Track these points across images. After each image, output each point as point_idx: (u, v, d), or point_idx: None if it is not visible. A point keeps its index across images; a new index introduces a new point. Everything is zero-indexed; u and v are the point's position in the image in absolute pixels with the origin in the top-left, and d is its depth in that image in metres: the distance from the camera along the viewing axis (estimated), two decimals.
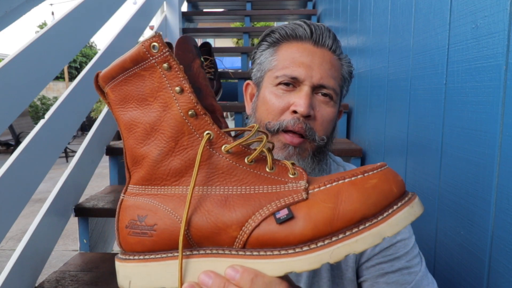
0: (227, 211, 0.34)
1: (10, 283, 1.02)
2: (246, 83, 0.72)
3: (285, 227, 0.32)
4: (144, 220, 0.36)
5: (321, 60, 0.62)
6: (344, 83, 0.67)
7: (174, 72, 0.34)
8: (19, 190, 1.05)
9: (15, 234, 3.16)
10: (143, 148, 0.37)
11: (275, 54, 0.65)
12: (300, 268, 0.31)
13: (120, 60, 0.36)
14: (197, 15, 3.25)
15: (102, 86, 0.38)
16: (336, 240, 0.31)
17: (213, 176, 0.35)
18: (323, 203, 0.32)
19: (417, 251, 0.64)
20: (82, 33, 1.40)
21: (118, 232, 0.38)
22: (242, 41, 3.16)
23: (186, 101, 0.35)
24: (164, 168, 0.36)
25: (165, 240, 0.36)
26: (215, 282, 0.34)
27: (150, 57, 0.34)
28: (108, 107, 0.39)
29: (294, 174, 0.35)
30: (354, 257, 0.65)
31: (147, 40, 0.34)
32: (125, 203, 0.38)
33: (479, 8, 0.64)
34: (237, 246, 0.34)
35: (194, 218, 0.35)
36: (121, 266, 0.37)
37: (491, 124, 0.60)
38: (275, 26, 0.66)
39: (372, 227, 0.30)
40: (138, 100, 0.36)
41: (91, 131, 1.55)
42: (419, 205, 0.32)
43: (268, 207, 0.33)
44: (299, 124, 0.59)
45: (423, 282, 0.61)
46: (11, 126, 6.14)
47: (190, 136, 0.35)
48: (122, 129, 0.38)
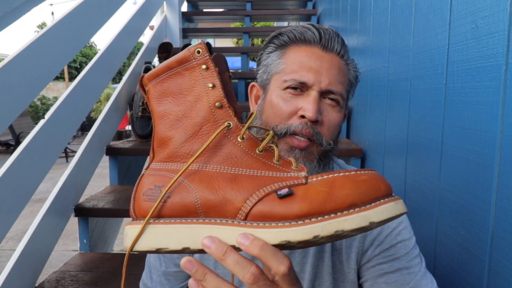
0: (235, 186, 0.39)
1: (10, 283, 1.02)
2: (251, 85, 0.72)
3: (284, 203, 0.37)
4: (160, 188, 0.41)
5: (329, 65, 0.62)
6: (351, 88, 0.67)
7: (210, 72, 0.42)
8: (19, 190, 1.05)
9: (15, 234, 3.16)
10: (171, 131, 0.43)
11: (282, 57, 0.64)
12: (294, 237, 0.35)
13: (166, 61, 0.43)
14: (197, 15, 3.25)
15: (145, 84, 0.46)
16: (328, 217, 0.35)
17: (227, 159, 0.41)
18: (319, 187, 0.37)
19: (417, 251, 0.64)
20: (82, 33, 1.40)
21: (134, 200, 0.42)
22: (242, 41, 3.16)
23: (216, 95, 0.42)
24: (186, 148, 0.42)
25: (176, 207, 0.40)
26: (217, 247, 0.36)
27: (193, 59, 0.42)
28: (147, 101, 0.46)
29: (296, 167, 0.41)
30: (356, 259, 0.66)
31: (193, 46, 0.42)
32: (146, 176, 0.43)
33: (479, 8, 0.64)
34: (239, 218, 0.38)
35: (205, 190, 0.39)
36: (131, 228, 0.41)
37: (491, 124, 0.60)
38: (283, 29, 0.66)
39: (360, 211, 0.35)
40: (175, 93, 0.43)
41: (91, 131, 1.55)
42: (403, 205, 0.37)
43: (271, 186, 0.38)
44: (306, 129, 0.59)
45: (422, 282, 0.61)
46: (11, 126, 6.14)
47: (213, 123, 0.42)
48: (155, 117, 0.45)
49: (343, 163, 0.75)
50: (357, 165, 1.51)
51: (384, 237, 0.64)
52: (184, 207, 0.40)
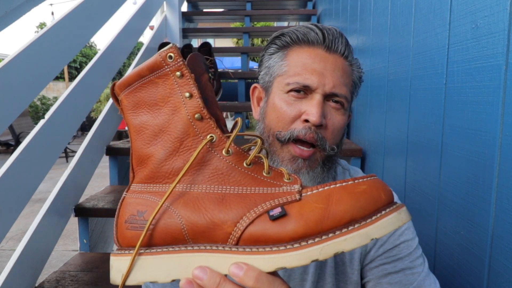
0: (224, 208, 0.36)
1: (10, 283, 1.02)
2: (253, 87, 0.70)
3: (277, 225, 0.34)
4: (143, 215, 0.38)
5: (333, 67, 0.60)
6: (355, 89, 0.65)
7: (185, 79, 0.38)
8: (19, 190, 1.05)
9: (15, 234, 3.16)
10: (149, 148, 0.39)
11: (285, 58, 0.62)
12: (290, 263, 0.32)
13: (137, 69, 0.39)
14: (197, 15, 3.25)
15: (117, 93, 0.42)
16: (326, 238, 0.32)
17: (212, 176, 0.38)
18: (314, 204, 0.34)
19: (420, 252, 0.64)
20: (82, 33, 1.40)
21: (117, 228, 0.39)
22: (242, 41, 3.16)
23: (194, 106, 0.38)
24: (168, 167, 0.38)
25: (162, 234, 0.37)
26: (210, 277, 0.34)
27: (165, 66, 0.38)
28: (120, 113, 0.42)
29: (289, 179, 0.37)
30: (359, 259, 0.65)
31: (164, 51, 0.37)
32: (127, 200, 0.40)
33: (479, 8, 0.64)
34: (230, 243, 0.35)
35: (191, 214, 0.36)
36: (116, 260, 0.38)
37: (491, 124, 0.60)
38: (285, 29, 0.64)
39: (361, 228, 0.32)
40: (150, 105, 0.39)
41: (91, 131, 1.55)
42: (406, 213, 0.34)
43: (262, 206, 0.35)
44: (310, 134, 0.58)
45: (426, 282, 0.61)
46: (11, 126, 6.14)
47: (194, 137, 0.38)
48: (131, 132, 0.41)
49: (345, 163, 0.75)
50: (357, 165, 1.51)
51: (387, 238, 0.64)
52: (170, 234, 0.37)
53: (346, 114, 0.63)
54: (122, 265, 0.38)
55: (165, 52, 0.37)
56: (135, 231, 0.38)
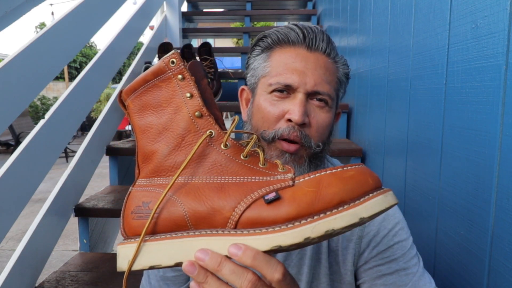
0: (223, 196, 0.39)
1: (10, 283, 1.02)
2: (241, 88, 0.71)
3: (272, 208, 0.37)
4: (148, 205, 0.41)
5: (315, 65, 0.61)
6: (341, 86, 0.66)
7: (186, 81, 0.42)
8: (19, 190, 1.05)
9: (15, 234, 3.16)
10: (154, 145, 0.43)
11: (268, 59, 0.63)
12: (284, 242, 0.35)
13: (142, 75, 0.43)
14: (197, 15, 3.25)
15: (124, 99, 0.45)
16: (317, 218, 0.35)
17: (212, 168, 0.41)
18: (306, 188, 0.37)
19: (415, 252, 0.64)
20: (82, 33, 1.40)
21: (123, 219, 0.42)
22: (242, 41, 3.16)
23: (194, 104, 0.41)
24: (171, 161, 0.42)
25: (165, 222, 0.40)
26: (211, 258, 0.36)
27: (168, 70, 0.42)
28: (128, 117, 0.46)
29: (283, 169, 0.41)
30: (353, 260, 0.65)
31: (167, 57, 0.41)
32: (133, 193, 0.43)
33: (479, 8, 0.64)
34: (229, 227, 0.38)
35: (192, 202, 0.39)
36: (122, 248, 0.40)
37: (491, 124, 0.60)
38: (268, 31, 0.65)
39: (350, 208, 0.35)
40: (154, 107, 0.43)
41: (91, 131, 1.55)
42: (393, 196, 0.37)
43: (258, 192, 0.38)
44: (294, 133, 0.59)
45: (420, 282, 0.61)
46: (11, 126, 6.14)
47: (195, 133, 0.41)
48: (137, 132, 0.44)
49: (338, 162, 0.75)
50: None
51: (380, 239, 0.64)
52: (173, 221, 0.39)
53: (332, 111, 0.63)
54: (128, 252, 0.40)
55: (168, 58, 0.41)
56: (141, 220, 0.41)
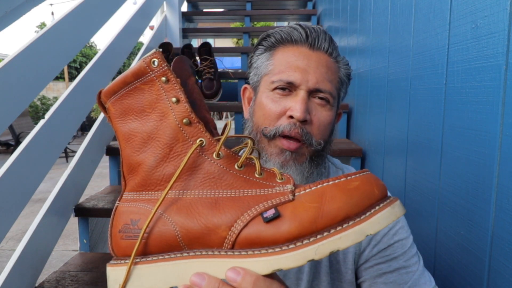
0: (217, 213, 0.35)
1: (10, 283, 1.02)
2: (243, 87, 0.72)
3: (272, 226, 0.33)
4: (137, 224, 0.38)
5: (317, 64, 0.61)
6: (342, 86, 0.66)
7: (171, 84, 0.37)
8: (19, 190, 1.05)
9: (15, 234, 3.16)
10: (139, 155, 0.39)
11: (271, 58, 0.64)
12: (286, 265, 0.32)
13: (122, 76, 0.39)
14: (197, 15, 3.25)
15: (104, 101, 0.41)
16: (321, 237, 0.32)
17: (204, 181, 0.37)
18: (308, 203, 0.34)
19: (415, 250, 0.64)
20: (82, 33, 1.40)
21: (111, 238, 0.39)
22: (242, 41, 3.16)
23: (181, 110, 0.37)
24: (159, 173, 0.38)
25: (157, 242, 0.37)
26: (208, 283, 0.34)
27: (150, 72, 0.37)
28: (108, 121, 0.41)
29: (281, 179, 0.37)
30: (353, 259, 0.66)
31: (148, 56, 0.37)
32: (120, 209, 0.39)
33: (479, 8, 0.64)
34: (226, 247, 0.35)
35: (184, 221, 0.36)
36: (112, 271, 0.38)
37: (491, 124, 0.60)
38: (271, 30, 0.66)
39: (355, 225, 0.32)
40: (137, 112, 0.39)
41: (91, 131, 1.55)
42: (400, 207, 0.34)
43: (256, 208, 0.35)
44: (295, 129, 0.59)
45: (421, 281, 0.61)
46: (11, 126, 6.14)
47: (184, 143, 0.38)
48: (120, 140, 0.40)
49: (339, 162, 0.75)
50: (357, 165, 1.51)
51: (381, 237, 0.64)
52: (165, 242, 0.36)
53: (333, 110, 0.64)
54: (118, 275, 0.37)
55: (148, 57, 0.37)
56: (130, 240, 0.37)
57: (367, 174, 0.36)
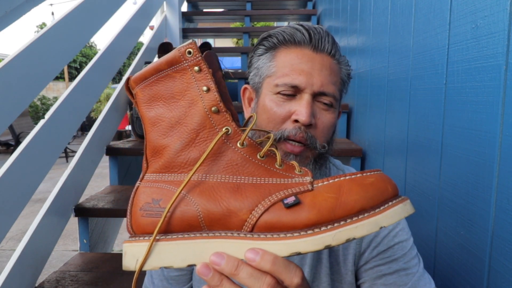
0: (239, 197, 0.37)
1: (10, 283, 1.02)
2: (243, 87, 0.71)
3: (292, 212, 0.35)
4: (159, 203, 0.39)
5: (320, 66, 0.61)
6: (343, 86, 0.66)
7: (203, 74, 0.39)
8: (19, 190, 1.05)
9: (15, 234, 3.16)
10: (165, 139, 0.41)
11: (273, 59, 0.63)
12: (304, 248, 0.34)
13: (155, 63, 0.40)
14: (197, 15, 3.25)
15: (132, 87, 0.43)
16: (338, 225, 0.34)
17: (227, 167, 0.39)
18: (326, 194, 0.36)
19: (415, 252, 0.64)
20: (82, 33, 1.40)
21: (131, 215, 0.40)
22: (242, 41, 3.16)
23: (211, 99, 0.39)
24: (183, 157, 0.40)
25: (178, 221, 0.38)
26: (228, 262, 0.34)
27: (183, 61, 0.39)
28: (135, 106, 0.43)
29: (300, 172, 0.39)
30: (353, 260, 0.65)
31: (184, 46, 0.39)
32: (141, 189, 0.41)
33: (479, 8, 0.64)
34: (245, 230, 0.36)
35: (207, 202, 0.38)
36: (130, 246, 0.38)
37: (491, 124, 0.60)
38: (272, 30, 0.65)
39: (370, 216, 0.34)
40: (166, 98, 0.41)
41: (91, 131, 1.55)
42: (411, 205, 0.36)
43: (277, 195, 0.37)
44: (300, 134, 0.59)
45: (420, 283, 0.61)
46: (11, 126, 6.14)
47: (210, 129, 0.39)
48: (146, 124, 0.42)
49: (340, 163, 0.75)
50: (357, 165, 1.51)
51: (381, 239, 0.64)
52: (186, 221, 0.38)
53: (336, 112, 0.64)
54: (137, 251, 0.38)
55: (184, 47, 0.39)
56: (151, 218, 0.39)
57: (381, 173, 0.38)
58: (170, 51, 0.40)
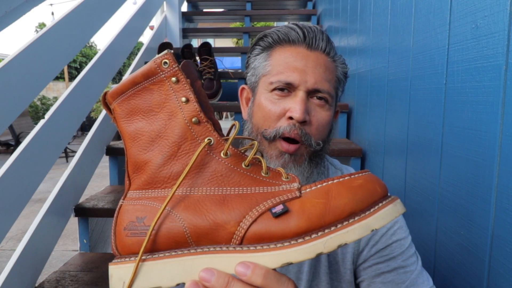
0: (226, 209, 0.36)
1: (10, 283, 1.02)
2: (241, 88, 0.72)
3: (281, 221, 0.34)
4: (143, 221, 0.37)
5: (315, 64, 0.61)
6: (339, 85, 0.67)
7: (181, 84, 0.38)
8: (19, 190, 1.05)
9: (15, 234, 3.16)
10: (146, 154, 0.39)
11: (268, 59, 0.64)
12: (296, 258, 0.33)
13: (130, 77, 0.39)
14: (197, 15, 3.24)
15: (109, 102, 0.41)
16: (328, 231, 0.33)
17: (212, 178, 0.38)
18: (315, 199, 0.35)
19: (413, 250, 0.65)
20: (82, 33, 1.40)
21: (115, 236, 0.39)
22: (242, 41, 3.16)
23: (191, 110, 0.38)
24: (166, 171, 0.38)
25: (164, 239, 0.36)
26: (218, 278, 0.33)
27: (160, 72, 0.38)
28: (113, 121, 0.41)
29: (287, 178, 0.38)
30: (352, 259, 0.66)
31: (159, 57, 0.38)
32: (124, 207, 0.39)
33: (479, 8, 0.64)
34: (234, 243, 0.35)
35: (192, 217, 0.36)
36: (116, 269, 0.37)
37: (491, 124, 0.60)
38: (268, 30, 0.66)
39: (361, 220, 0.33)
40: (145, 111, 0.39)
41: (91, 131, 1.55)
42: (401, 205, 0.36)
43: (264, 204, 0.35)
44: (295, 130, 0.59)
45: (418, 280, 0.61)
46: (11, 126, 6.14)
47: (192, 141, 0.38)
48: (126, 139, 0.40)
49: (338, 163, 0.75)
50: (357, 165, 1.51)
51: (379, 237, 0.64)
52: (173, 238, 0.36)
53: (332, 109, 0.64)
54: (123, 273, 0.36)
55: (160, 58, 0.38)
56: (136, 238, 0.37)
57: (369, 173, 0.37)
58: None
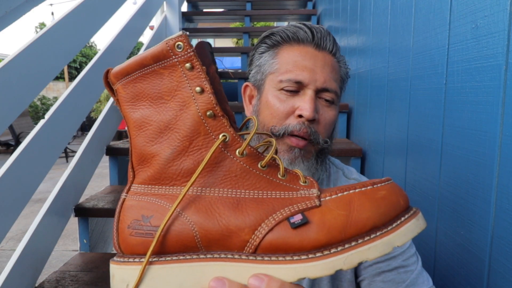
0: (240, 214, 0.33)
1: (10, 283, 1.02)
2: (244, 85, 0.72)
3: (299, 232, 0.32)
4: (149, 220, 0.35)
5: (323, 64, 0.62)
6: (343, 84, 0.69)
7: (196, 72, 0.34)
8: (19, 190, 1.05)
9: (15, 234, 3.16)
10: (153, 146, 0.36)
11: (276, 57, 0.64)
12: (314, 274, 0.31)
13: (139, 56, 0.35)
14: (197, 15, 3.24)
15: (112, 82, 0.37)
16: (349, 247, 0.31)
17: (225, 179, 0.35)
18: (336, 210, 0.32)
19: (414, 250, 0.65)
20: (82, 33, 1.40)
21: (118, 233, 0.36)
22: (242, 41, 3.16)
23: (206, 102, 0.34)
24: (176, 167, 0.35)
25: (172, 242, 0.34)
26: None
27: (172, 56, 0.34)
28: (116, 104, 0.38)
29: (305, 182, 0.36)
30: None
31: (172, 39, 0.33)
32: (128, 202, 0.36)
33: (479, 8, 0.64)
34: (247, 251, 0.33)
35: (204, 221, 0.34)
36: (119, 269, 0.35)
37: (491, 124, 0.60)
38: (275, 29, 0.66)
39: (383, 236, 0.31)
40: (153, 98, 0.35)
41: (91, 131, 1.55)
42: (423, 219, 0.34)
43: (281, 212, 0.33)
44: (304, 129, 0.60)
45: (418, 280, 0.62)
46: (11, 126, 6.14)
47: (205, 136, 0.35)
48: (130, 126, 0.37)
49: (339, 162, 0.76)
50: (357, 165, 1.50)
51: None
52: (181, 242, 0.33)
53: (337, 109, 0.66)
54: (126, 275, 0.34)
55: (173, 40, 0.33)
56: (141, 238, 0.34)
57: (392, 183, 0.35)
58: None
